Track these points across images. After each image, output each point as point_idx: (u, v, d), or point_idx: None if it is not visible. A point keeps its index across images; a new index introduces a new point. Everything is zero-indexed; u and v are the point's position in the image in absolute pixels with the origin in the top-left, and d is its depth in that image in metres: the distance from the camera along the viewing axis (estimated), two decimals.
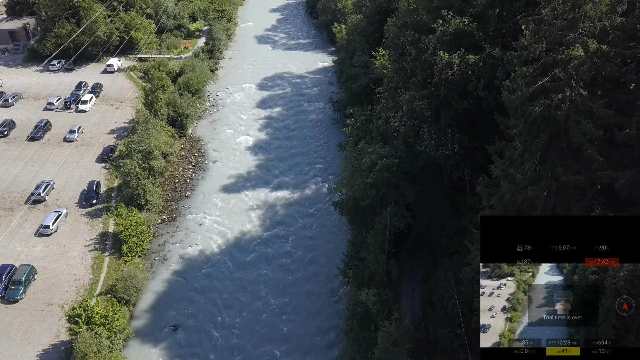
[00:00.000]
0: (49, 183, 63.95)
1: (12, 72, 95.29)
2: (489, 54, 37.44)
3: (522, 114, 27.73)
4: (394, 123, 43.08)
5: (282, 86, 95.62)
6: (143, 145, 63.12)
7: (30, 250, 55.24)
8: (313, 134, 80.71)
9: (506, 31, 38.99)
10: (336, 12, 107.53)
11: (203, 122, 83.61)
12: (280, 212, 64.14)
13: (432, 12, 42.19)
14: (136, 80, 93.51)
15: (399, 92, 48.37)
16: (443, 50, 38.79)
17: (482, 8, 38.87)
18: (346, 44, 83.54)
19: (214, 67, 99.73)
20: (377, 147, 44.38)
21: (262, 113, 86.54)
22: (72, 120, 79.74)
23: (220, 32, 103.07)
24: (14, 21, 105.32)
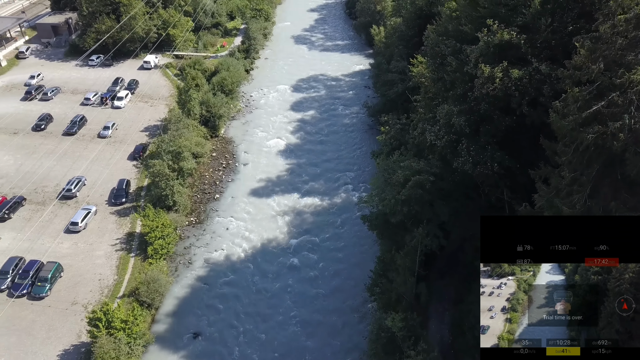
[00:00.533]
0: (80, 179, 64.31)
1: (53, 66, 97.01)
2: (536, 69, 34.79)
3: (573, 140, 25.24)
4: (430, 137, 40.82)
5: (317, 88, 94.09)
6: (173, 146, 62.69)
7: (58, 246, 55.49)
8: (346, 140, 78.85)
9: (556, 44, 36.20)
10: (375, 14, 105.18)
11: (236, 123, 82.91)
12: (308, 220, 62.63)
13: (475, 21, 39.66)
14: (171, 77, 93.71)
15: (437, 103, 46.06)
16: (485, 63, 36.30)
17: (530, 18, 36.18)
18: (384, 47, 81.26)
19: (249, 67, 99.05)
20: (411, 161, 42.22)
21: (295, 116, 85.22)
22: (107, 116, 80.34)
23: (257, 31, 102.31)
24: (57, 15, 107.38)
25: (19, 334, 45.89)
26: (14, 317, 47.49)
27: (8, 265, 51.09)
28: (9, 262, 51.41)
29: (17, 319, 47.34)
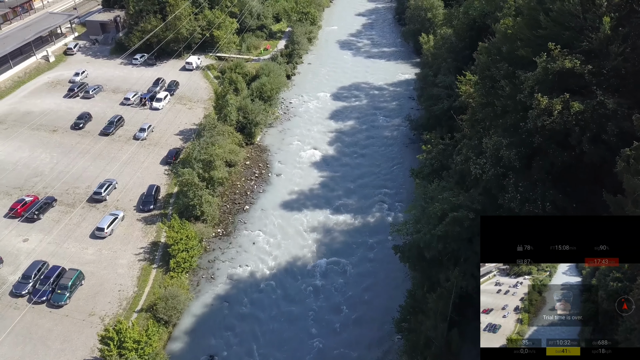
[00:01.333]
0: (111, 182, 63.53)
1: (98, 63, 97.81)
2: (600, 103, 30.34)
3: None
4: (475, 170, 36.82)
5: (359, 97, 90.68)
6: (204, 154, 60.82)
7: (83, 252, 54.63)
8: (385, 154, 75.13)
9: (627, 73, 31.59)
10: (425, 22, 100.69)
11: (272, 130, 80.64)
12: (338, 239, 59.47)
13: (533, 43, 35.36)
14: (212, 80, 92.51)
15: (483, 128, 41.93)
16: (542, 92, 32.08)
17: (598, 43, 31.68)
18: (431, 58, 76.92)
19: (291, 72, 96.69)
20: (450, 193, 38.30)
21: (334, 125, 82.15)
22: (144, 117, 79.78)
23: (301, 35, 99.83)
24: (106, 13, 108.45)
25: (34, 344, 44.94)
26: (32, 324, 46.68)
27: (31, 269, 50.44)
28: (33, 266, 50.78)
29: (34, 326, 46.49)
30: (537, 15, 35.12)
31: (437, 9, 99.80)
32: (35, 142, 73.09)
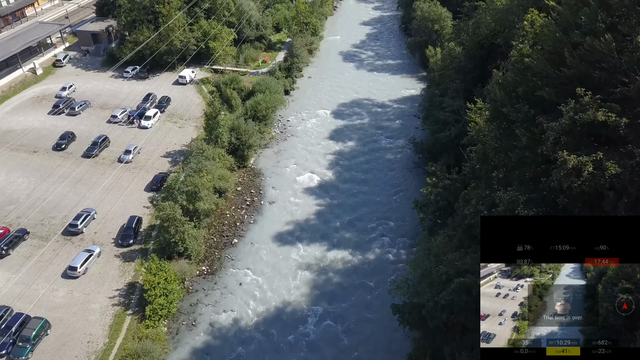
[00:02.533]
0: (89, 213, 58.70)
1: (88, 76, 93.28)
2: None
3: None
4: None
5: (360, 115, 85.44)
6: (189, 185, 55.84)
7: (52, 294, 49.82)
8: (387, 179, 69.84)
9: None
10: (432, 33, 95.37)
11: (268, 151, 75.58)
12: (334, 280, 54.27)
13: (556, 82, 30.03)
14: (205, 95, 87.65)
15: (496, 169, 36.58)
16: (568, 146, 26.78)
17: (636, 90, 26.25)
18: (438, 76, 71.53)
19: (290, 87, 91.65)
20: (456, 255, 32.99)
21: (333, 146, 76.97)
22: (132, 136, 75.02)
23: (301, 48, 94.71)
24: (98, 23, 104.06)
25: None
26: None
27: None
28: None
29: None
30: (560, 49, 29.74)
31: (445, 21, 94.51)
32: (13, 164, 68.51)
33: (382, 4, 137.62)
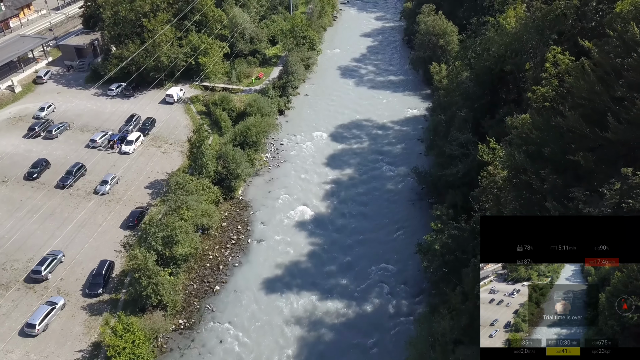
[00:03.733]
0: (55, 256, 52.92)
1: (70, 94, 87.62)
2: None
3: None
4: None
5: (360, 138, 79.44)
6: (164, 229, 49.92)
7: (5, 357, 43.94)
8: (387, 213, 63.79)
9: None
10: (437, 49, 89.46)
11: (258, 180, 69.64)
12: (326, 337, 48.25)
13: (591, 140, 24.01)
14: (194, 115, 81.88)
15: None
16: None
17: None
18: (444, 101, 65.47)
19: (285, 107, 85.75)
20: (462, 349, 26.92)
21: (330, 174, 70.98)
22: (111, 163, 69.28)
23: (297, 64, 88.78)
24: (83, 36, 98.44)
25: None
26: None
27: None
28: None
29: None
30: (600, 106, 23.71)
31: (451, 35, 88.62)
32: None
33: (384, 14, 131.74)
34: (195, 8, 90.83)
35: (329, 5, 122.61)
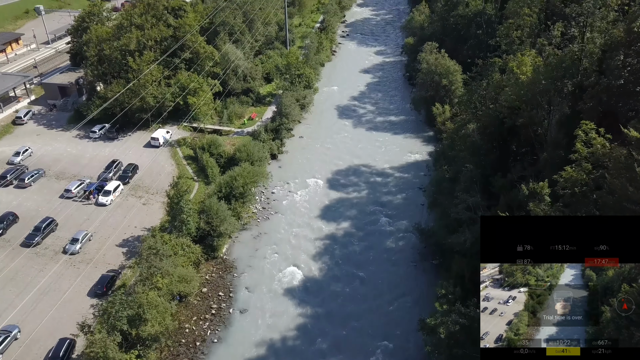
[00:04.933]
0: (9, 333, 46.77)
1: (50, 136, 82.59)
2: None
3: None
4: None
5: (357, 186, 73.62)
6: (130, 309, 43.71)
7: None
8: (386, 277, 57.49)
9: None
10: (440, 89, 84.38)
11: (245, 235, 63.67)
12: None
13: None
14: (180, 161, 76.48)
15: None
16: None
17: None
18: (449, 156, 59.75)
19: (278, 151, 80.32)
20: None
21: (324, 229, 64.97)
22: (85, 217, 63.62)
23: (292, 105, 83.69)
24: (68, 74, 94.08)
25: None
26: None
27: None
28: None
29: None
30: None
31: (455, 75, 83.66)
32: None
33: (384, 48, 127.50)
34: (185, 45, 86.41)
35: (327, 40, 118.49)
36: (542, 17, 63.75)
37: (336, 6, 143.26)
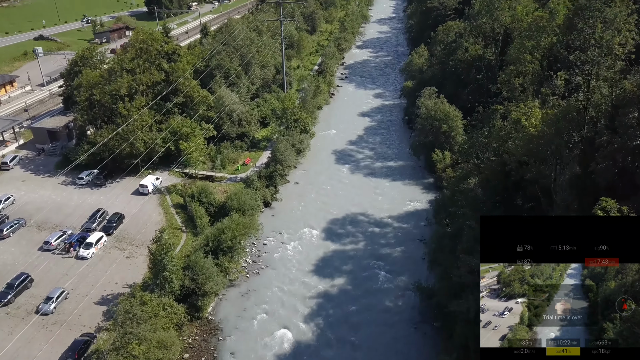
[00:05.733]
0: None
1: (36, 182, 79.61)
2: None
3: None
4: None
5: (354, 237, 69.90)
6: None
7: None
8: (384, 342, 53.02)
9: None
10: (439, 135, 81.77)
11: (233, 292, 59.62)
12: None
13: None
14: (169, 209, 73.08)
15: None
16: None
17: None
18: (450, 212, 56.22)
19: (271, 198, 77.00)
20: None
21: (318, 285, 60.92)
22: (64, 272, 59.83)
23: (287, 151, 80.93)
24: (58, 118, 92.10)
25: None
26: None
27: None
28: None
29: None
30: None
31: (455, 120, 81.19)
32: None
33: (383, 91, 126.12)
34: (178, 88, 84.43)
35: (325, 83, 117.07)
36: (545, 64, 61.53)
37: (335, 49, 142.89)
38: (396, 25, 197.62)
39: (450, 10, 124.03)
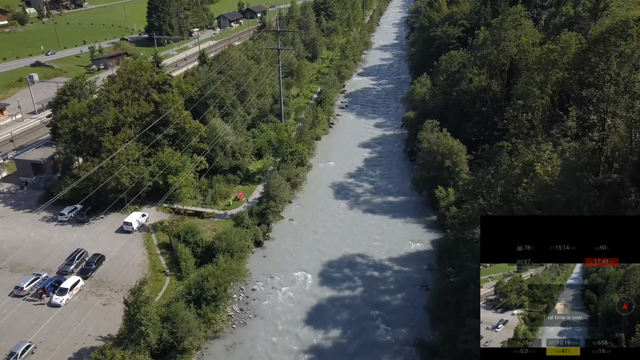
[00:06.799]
0: None
1: (15, 218, 75.32)
2: None
3: None
4: None
5: (352, 282, 64.85)
6: None
7: None
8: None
9: None
10: (443, 170, 77.26)
11: (216, 346, 54.48)
12: None
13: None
14: (153, 250, 68.46)
15: None
16: None
17: None
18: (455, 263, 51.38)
19: (263, 237, 72.31)
20: None
21: (310, 338, 55.71)
22: (34, 321, 55.14)
23: (280, 187, 76.48)
24: (44, 149, 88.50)
25: None
26: None
27: None
28: None
29: None
30: None
31: (459, 155, 76.71)
32: None
33: (384, 120, 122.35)
34: (168, 120, 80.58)
35: (324, 113, 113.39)
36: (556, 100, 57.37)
37: (335, 77, 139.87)
38: (398, 52, 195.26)
39: (454, 39, 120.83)
